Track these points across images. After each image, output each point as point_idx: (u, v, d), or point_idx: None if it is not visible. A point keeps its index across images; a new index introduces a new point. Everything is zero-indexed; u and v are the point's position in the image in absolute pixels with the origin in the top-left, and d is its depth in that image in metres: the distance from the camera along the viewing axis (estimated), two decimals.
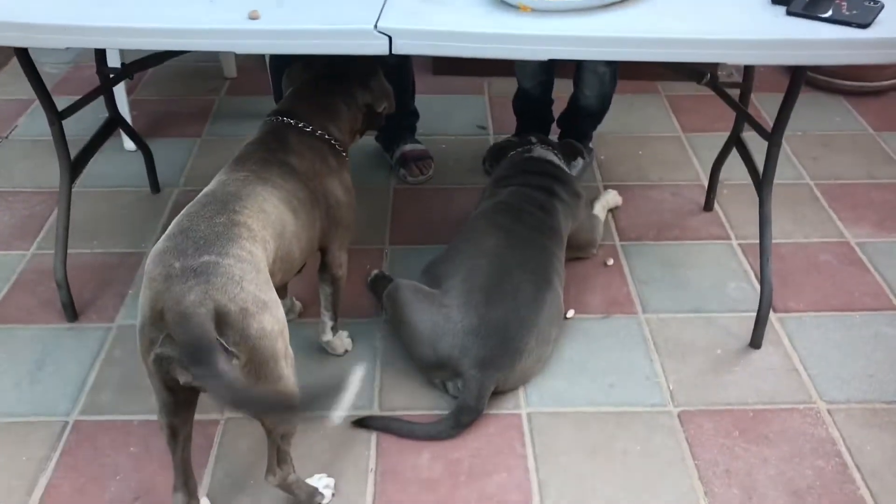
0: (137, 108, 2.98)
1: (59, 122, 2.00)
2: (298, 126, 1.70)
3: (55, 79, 3.24)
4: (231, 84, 3.26)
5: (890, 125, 2.95)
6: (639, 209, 2.53)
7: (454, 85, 3.23)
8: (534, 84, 2.62)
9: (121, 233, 2.40)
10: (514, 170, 2.23)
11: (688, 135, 2.92)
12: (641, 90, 3.16)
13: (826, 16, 1.54)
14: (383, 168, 2.74)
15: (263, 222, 1.44)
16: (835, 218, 2.49)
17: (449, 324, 1.83)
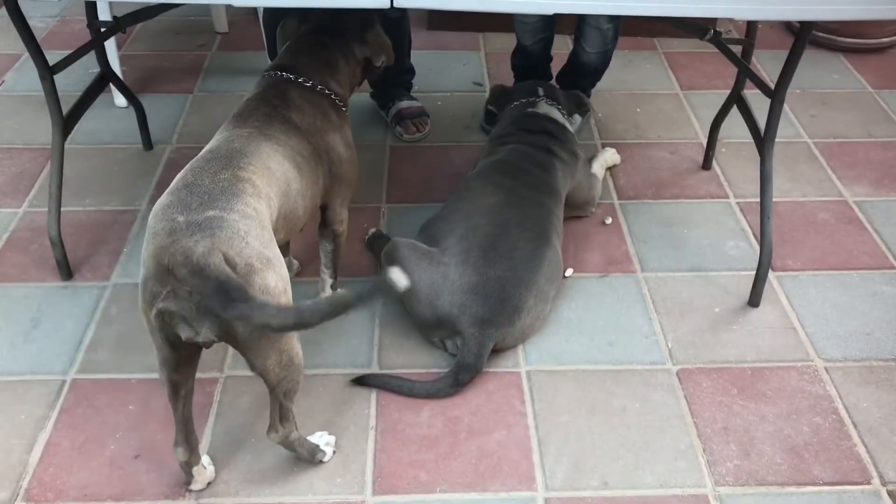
0: (127, 64, 2.92)
1: (50, 76, 1.95)
2: (298, 81, 1.67)
3: (42, 33, 3.17)
4: (222, 39, 3.21)
5: (889, 83, 2.93)
6: (637, 167, 2.51)
7: (450, 41, 3.18)
8: (534, 41, 2.58)
9: (114, 190, 2.37)
10: (513, 127, 2.20)
11: (686, 92, 2.89)
12: (639, 47, 3.13)
13: None
14: (379, 125, 2.70)
15: (268, 179, 1.42)
16: (833, 176, 2.48)
17: (447, 282, 1.82)
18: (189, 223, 1.25)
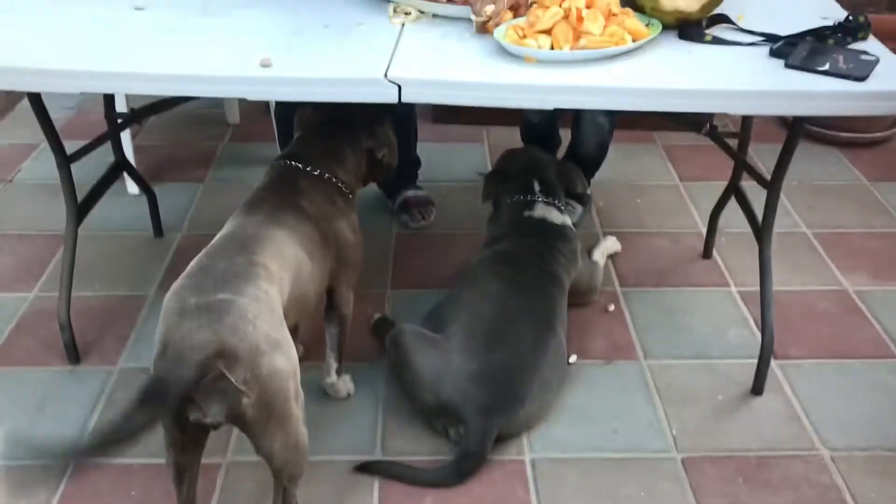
0: (141, 153, 3.00)
1: (67, 166, 2.02)
2: (307, 170, 1.74)
3: (58, 124, 3.24)
4: (234, 130, 3.30)
5: (884, 176, 3.00)
6: (638, 256, 2.55)
7: (454, 133, 3.27)
8: (540, 118, 2.68)
9: (123, 276, 2.41)
10: (512, 229, 2.20)
11: (685, 183, 2.96)
12: (638, 140, 3.21)
13: (823, 69, 1.59)
14: (385, 213, 2.76)
15: (281, 263, 1.46)
16: (832, 266, 2.51)
17: (451, 369, 1.83)
18: (199, 305, 1.28)
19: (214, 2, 1.94)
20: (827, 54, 1.62)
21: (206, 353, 1.24)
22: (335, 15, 1.88)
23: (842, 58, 1.61)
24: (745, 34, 1.78)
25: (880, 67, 1.58)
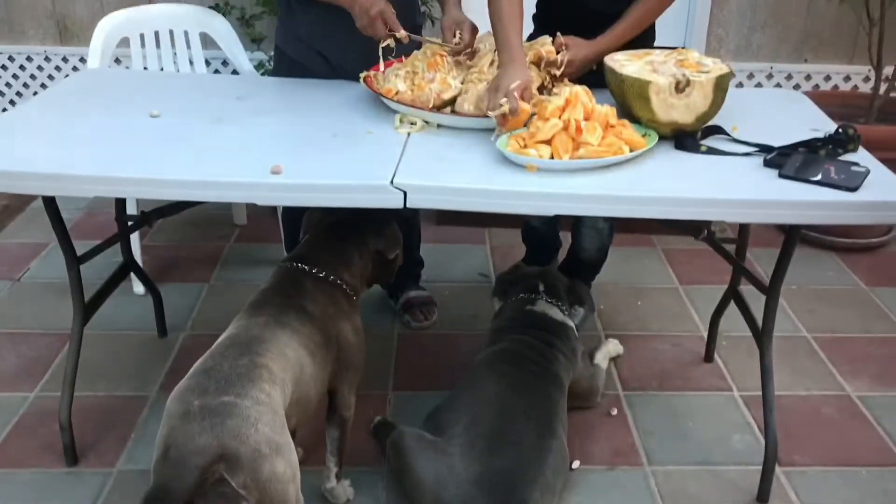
0: (148, 253, 3.05)
1: (77, 266, 2.05)
2: (313, 272, 1.77)
3: (69, 223, 3.30)
4: (241, 231, 3.36)
5: (882, 281, 3.03)
6: (640, 359, 2.55)
7: (457, 234, 3.32)
8: (541, 221, 2.74)
9: (126, 376, 2.41)
10: (513, 322, 2.25)
11: (685, 286, 2.99)
12: (637, 243, 3.26)
13: (816, 179, 1.64)
14: (388, 314, 2.78)
15: (284, 365, 1.47)
16: (834, 371, 2.51)
17: (452, 473, 1.81)
18: (203, 407, 1.29)
19: (228, 110, 2.03)
20: (819, 165, 1.68)
21: (208, 458, 1.24)
22: (344, 124, 1.95)
23: (833, 169, 1.66)
24: (739, 145, 1.85)
25: (871, 178, 1.63)
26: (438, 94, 1.98)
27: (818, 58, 3.55)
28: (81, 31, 3.55)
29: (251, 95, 2.16)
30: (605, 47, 2.08)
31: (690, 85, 1.80)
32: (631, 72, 1.87)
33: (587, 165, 1.71)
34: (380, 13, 2.04)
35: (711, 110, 1.85)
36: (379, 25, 2.05)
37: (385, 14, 2.05)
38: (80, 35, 3.56)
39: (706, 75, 1.83)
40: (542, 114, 1.78)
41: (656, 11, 2.20)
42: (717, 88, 1.83)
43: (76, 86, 2.24)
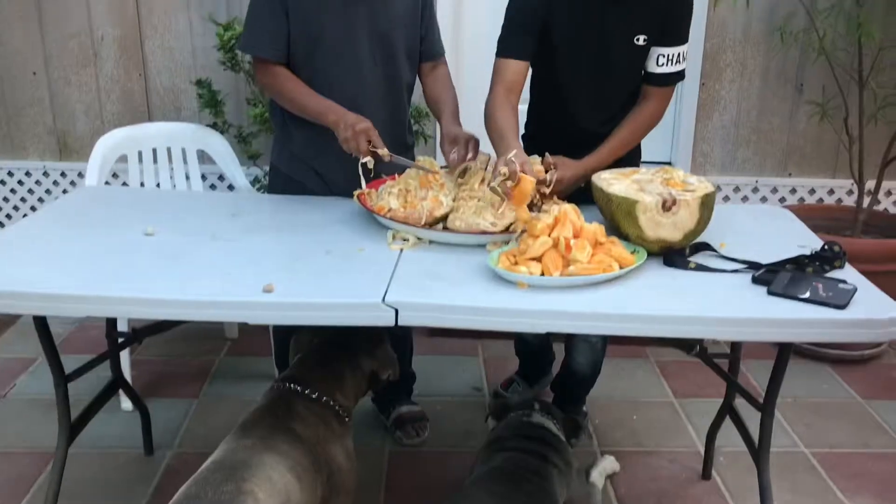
0: (137, 368, 3.02)
1: (64, 384, 2.03)
2: (305, 393, 1.75)
3: (59, 338, 3.31)
4: (232, 345, 3.34)
5: (877, 393, 3.01)
6: (637, 477, 2.50)
7: (449, 346, 3.31)
8: (534, 335, 2.73)
9: (110, 496, 2.34)
10: (508, 433, 2.23)
11: (680, 400, 2.96)
12: (631, 355, 3.25)
13: (805, 296, 1.65)
14: (378, 429, 2.73)
15: (269, 491, 1.44)
16: (834, 488, 2.46)
17: None
18: None
19: (222, 228, 2.05)
20: (807, 282, 1.69)
21: None
22: (337, 241, 1.98)
23: (821, 286, 1.68)
24: (727, 261, 1.87)
25: (858, 296, 1.65)
26: (430, 211, 2.02)
27: (802, 172, 3.64)
28: (81, 147, 3.63)
29: (246, 212, 2.19)
30: (592, 166, 2.14)
31: (677, 204, 1.84)
32: (618, 191, 1.91)
33: (577, 282, 1.72)
34: (364, 130, 2.09)
35: (699, 228, 1.88)
36: (362, 141, 2.08)
37: (369, 132, 2.09)
38: (80, 151, 3.63)
39: (692, 194, 1.87)
40: (532, 231, 1.80)
41: (642, 132, 2.27)
42: (703, 207, 1.86)
43: (73, 203, 2.27)
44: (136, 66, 3.54)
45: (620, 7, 2.11)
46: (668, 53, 2.18)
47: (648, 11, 2.13)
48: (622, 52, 2.17)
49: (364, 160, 2.10)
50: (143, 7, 3.46)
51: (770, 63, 3.48)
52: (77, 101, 3.60)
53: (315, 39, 2.22)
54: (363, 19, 2.24)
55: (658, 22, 2.15)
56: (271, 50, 2.22)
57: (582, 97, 2.25)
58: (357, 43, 2.25)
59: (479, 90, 2.29)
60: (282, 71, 2.24)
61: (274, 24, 2.20)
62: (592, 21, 2.13)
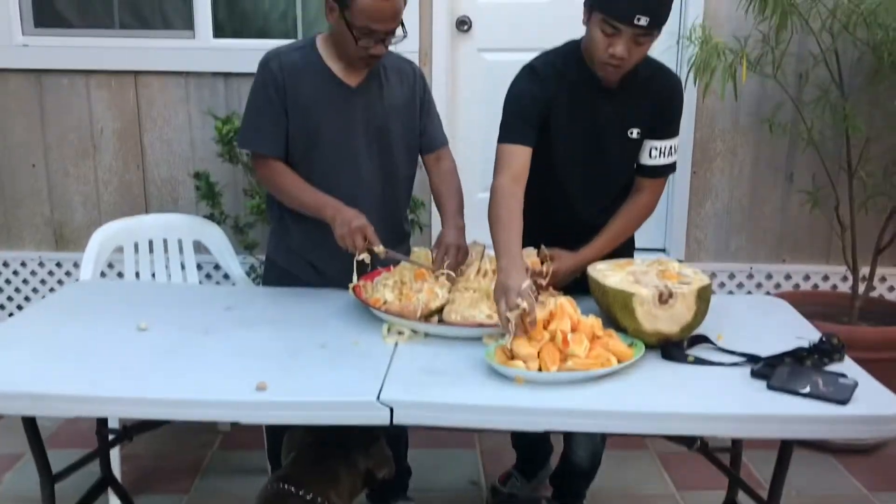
0: (128, 463, 2.95)
1: (51, 485, 1.98)
2: (299, 493, 1.70)
3: (48, 432, 3.23)
4: (224, 438, 3.27)
5: (882, 485, 2.94)
6: None
7: (446, 438, 3.24)
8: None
9: None
10: None
11: (682, 493, 2.89)
12: (631, 446, 3.18)
13: (805, 391, 1.63)
14: None
15: None
16: None
17: None
18: None
19: (216, 322, 2.04)
20: (807, 377, 1.68)
21: None
22: (332, 334, 1.96)
23: (821, 381, 1.66)
24: (725, 354, 1.86)
25: (860, 391, 1.63)
26: (426, 303, 2.01)
27: (796, 258, 3.66)
28: (77, 237, 3.64)
29: (240, 306, 2.18)
30: (588, 258, 2.15)
31: (673, 297, 1.84)
32: (614, 283, 1.91)
33: (575, 378, 1.70)
34: (360, 227, 2.09)
35: (696, 320, 1.87)
36: (358, 238, 2.08)
37: (365, 229, 2.10)
38: (76, 241, 3.64)
39: (688, 286, 1.87)
40: (533, 335, 1.78)
41: (636, 223, 2.29)
42: (699, 299, 1.86)
43: (65, 299, 2.26)
44: (134, 158, 3.59)
45: (614, 101, 2.16)
46: (660, 146, 2.22)
47: (641, 106, 2.17)
48: (616, 145, 2.21)
49: (360, 257, 2.10)
50: (143, 101, 3.53)
51: (760, 152, 3.54)
52: (75, 193, 3.63)
53: (313, 134, 2.25)
54: (360, 113, 2.28)
55: (650, 116, 2.19)
56: (270, 146, 2.25)
57: (577, 187, 2.27)
58: (354, 137, 2.28)
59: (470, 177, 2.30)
60: (279, 166, 2.27)
61: (272, 120, 2.23)
62: (588, 114, 2.17)
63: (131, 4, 3.59)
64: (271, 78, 2.21)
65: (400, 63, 2.36)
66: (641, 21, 1.93)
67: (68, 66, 3.50)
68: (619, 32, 1.96)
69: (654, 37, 2.01)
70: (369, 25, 2.10)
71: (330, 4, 2.16)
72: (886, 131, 3.27)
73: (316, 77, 2.24)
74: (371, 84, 2.28)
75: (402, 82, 2.34)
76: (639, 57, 2.04)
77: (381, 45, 2.16)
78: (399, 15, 2.15)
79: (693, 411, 1.61)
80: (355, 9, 2.09)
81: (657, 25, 1.98)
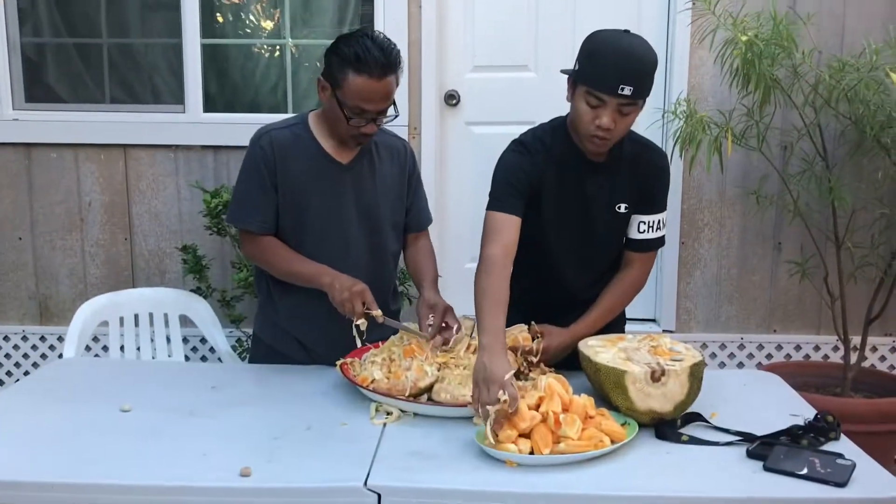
0: None
1: None
2: None
3: None
4: None
5: None
6: None
7: None
8: None
9: None
10: None
11: None
12: None
13: (802, 473, 1.60)
14: None
15: None
16: None
17: None
18: None
19: (201, 402, 1.99)
20: (804, 457, 1.64)
21: None
22: (319, 415, 1.92)
23: (818, 461, 1.62)
24: (720, 433, 1.82)
25: (858, 472, 1.59)
26: (415, 382, 1.97)
27: (786, 329, 3.65)
28: (62, 311, 3.60)
29: (226, 385, 2.14)
30: (579, 334, 2.13)
31: (666, 374, 1.81)
32: (606, 360, 1.88)
33: (568, 460, 1.66)
34: (360, 292, 2.08)
35: (689, 398, 1.84)
36: (357, 302, 2.07)
37: (364, 293, 2.09)
38: (60, 315, 3.60)
39: (680, 364, 1.85)
40: (520, 408, 1.75)
41: (627, 298, 2.28)
42: (692, 377, 1.84)
43: (47, 378, 2.22)
44: (122, 231, 3.58)
45: (601, 176, 2.17)
46: (648, 220, 2.22)
47: (628, 181, 2.19)
48: (604, 219, 2.21)
49: (357, 322, 2.08)
50: (132, 173, 3.54)
51: (747, 222, 3.57)
52: (61, 266, 3.61)
53: (303, 210, 2.25)
54: (350, 190, 2.28)
55: (638, 191, 2.20)
56: (260, 223, 2.24)
57: (567, 261, 2.26)
58: (344, 214, 2.28)
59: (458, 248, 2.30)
60: (269, 240, 2.26)
61: (262, 198, 2.23)
62: (576, 188, 2.18)
63: (122, 80, 3.63)
64: (262, 155, 2.22)
65: (392, 140, 2.37)
66: (626, 91, 1.94)
67: (58, 140, 3.52)
68: (603, 104, 1.97)
69: (638, 107, 2.02)
70: (361, 105, 2.12)
71: (322, 83, 2.18)
72: (872, 202, 3.30)
73: (307, 154, 2.25)
74: (362, 161, 2.29)
75: (394, 160, 2.36)
76: (624, 128, 2.04)
77: (372, 125, 2.17)
78: (391, 95, 2.17)
79: (689, 494, 1.57)
80: (347, 89, 2.11)
81: (641, 95, 1.99)
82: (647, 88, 2.00)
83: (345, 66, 2.10)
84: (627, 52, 1.97)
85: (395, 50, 2.13)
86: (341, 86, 2.12)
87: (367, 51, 2.08)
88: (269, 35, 3.72)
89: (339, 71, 2.11)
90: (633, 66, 1.96)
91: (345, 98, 2.12)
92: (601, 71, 1.97)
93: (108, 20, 3.59)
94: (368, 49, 2.08)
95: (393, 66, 2.12)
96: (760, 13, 3.01)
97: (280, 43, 3.66)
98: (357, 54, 2.08)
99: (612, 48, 1.98)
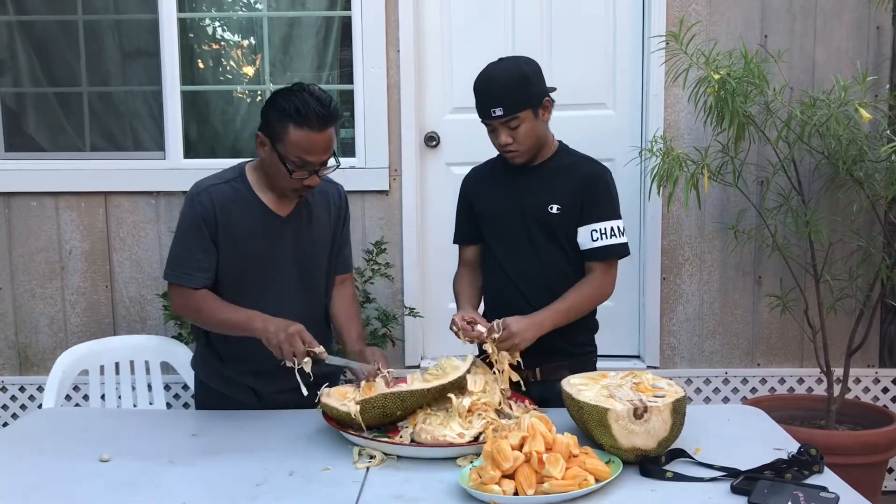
0: None
1: None
2: None
3: None
4: None
5: None
6: None
7: None
8: None
9: None
10: None
11: None
12: None
13: None
14: None
15: None
16: None
17: None
18: None
19: (181, 450, 1.97)
20: (788, 492, 1.64)
21: None
22: (300, 460, 1.90)
23: (802, 496, 1.62)
24: (704, 468, 1.82)
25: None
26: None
27: (770, 362, 3.66)
28: (42, 360, 3.56)
29: (206, 432, 2.12)
30: (542, 320, 2.23)
31: (648, 411, 1.81)
32: (588, 398, 1.88)
33: (553, 500, 1.65)
34: (298, 332, 2.04)
35: (672, 434, 1.84)
36: (297, 342, 2.02)
37: (302, 333, 2.05)
38: (40, 365, 3.56)
39: (662, 400, 1.85)
40: (503, 449, 1.74)
41: (589, 300, 2.37)
42: (674, 413, 1.83)
43: (25, 430, 2.19)
44: (102, 278, 3.56)
45: (535, 177, 2.37)
46: (599, 228, 2.34)
47: (563, 187, 2.35)
48: (537, 219, 2.36)
49: (301, 364, 2.03)
50: (113, 221, 3.53)
51: (727, 257, 3.59)
52: (41, 314, 3.57)
53: (244, 264, 2.26)
54: (289, 243, 2.30)
55: (572, 196, 2.34)
56: (201, 280, 2.23)
57: (516, 266, 2.40)
58: (282, 265, 2.30)
59: (438, 287, 2.31)
60: (202, 292, 2.23)
61: (203, 255, 2.23)
62: (510, 190, 2.38)
63: (103, 128, 3.64)
64: (203, 212, 2.21)
65: (325, 185, 2.34)
66: (497, 112, 2.23)
67: (38, 189, 3.52)
68: (493, 127, 2.28)
69: (521, 119, 2.25)
70: (303, 157, 2.13)
71: (260, 139, 2.20)
72: (848, 235, 3.34)
73: (247, 209, 2.25)
74: (301, 212, 2.31)
75: (328, 205, 2.39)
76: (525, 137, 2.27)
77: (315, 177, 2.18)
78: (332, 146, 2.18)
79: None
80: (288, 142, 2.12)
81: (515, 110, 2.23)
82: (517, 102, 2.23)
83: (285, 120, 2.11)
84: (486, 79, 2.27)
85: (333, 102, 2.16)
86: (282, 140, 2.13)
87: (305, 104, 2.09)
88: (250, 81, 3.75)
89: (279, 125, 2.13)
90: (491, 90, 2.25)
91: (286, 152, 2.13)
92: (476, 103, 2.28)
93: (88, 68, 3.61)
94: (307, 102, 2.10)
95: (332, 118, 2.14)
96: (732, 51, 3.06)
97: (261, 88, 3.69)
98: (297, 108, 2.09)
99: (478, 81, 2.29)
